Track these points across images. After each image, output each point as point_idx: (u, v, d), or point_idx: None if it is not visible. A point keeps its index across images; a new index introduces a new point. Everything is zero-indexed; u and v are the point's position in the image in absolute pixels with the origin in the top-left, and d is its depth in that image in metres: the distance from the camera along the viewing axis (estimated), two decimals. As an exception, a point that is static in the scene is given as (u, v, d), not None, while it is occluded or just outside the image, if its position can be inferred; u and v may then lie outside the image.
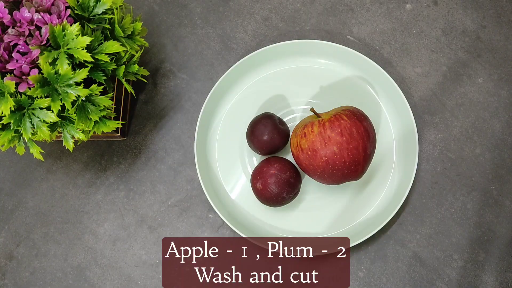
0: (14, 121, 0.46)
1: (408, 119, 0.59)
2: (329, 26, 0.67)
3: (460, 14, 0.67)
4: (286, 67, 0.64)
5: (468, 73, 0.64)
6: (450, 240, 0.58)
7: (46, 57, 0.45)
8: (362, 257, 0.58)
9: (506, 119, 0.62)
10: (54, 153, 0.63)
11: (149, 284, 0.58)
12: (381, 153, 0.60)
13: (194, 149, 0.60)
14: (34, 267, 0.60)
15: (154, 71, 0.66)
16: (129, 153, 0.63)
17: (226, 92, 0.63)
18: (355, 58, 0.62)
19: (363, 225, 0.58)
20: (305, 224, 0.59)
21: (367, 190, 0.59)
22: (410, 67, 0.64)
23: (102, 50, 0.49)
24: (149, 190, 0.61)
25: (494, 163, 0.60)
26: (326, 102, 0.62)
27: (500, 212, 0.59)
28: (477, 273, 0.57)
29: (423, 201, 0.59)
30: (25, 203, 0.62)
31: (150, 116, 0.64)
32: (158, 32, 0.67)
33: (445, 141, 0.61)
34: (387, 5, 0.68)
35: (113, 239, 0.60)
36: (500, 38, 0.65)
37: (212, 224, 0.60)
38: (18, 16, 0.47)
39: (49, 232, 0.61)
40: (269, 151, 0.58)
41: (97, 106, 0.49)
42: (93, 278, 0.59)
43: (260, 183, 0.54)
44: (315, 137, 0.50)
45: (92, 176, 0.62)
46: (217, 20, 0.68)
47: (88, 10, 0.49)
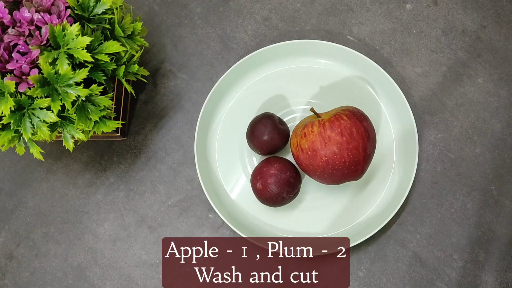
0: (14, 121, 0.46)
1: (408, 119, 0.59)
2: (329, 26, 0.67)
3: (460, 14, 0.67)
4: (286, 67, 0.64)
5: (468, 73, 0.64)
6: (450, 240, 0.58)
7: (46, 57, 0.45)
8: (362, 257, 0.58)
9: (506, 119, 0.62)
10: (54, 153, 0.63)
11: (149, 284, 0.58)
12: (381, 153, 0.60)
13: (194, 149, 0.60)
14: (34, 267, 0.60)
15: (154, 71, 0.66)
16: (129, 153, 0.63)
17: (226, 92, 0.63)
18: (355, 58, 0.62)
19: (363, 225, 0.58)
20: (305, 224, 0.59)
21: (367, 190, 0.59)
22: (410, 67, 0.64)
23: (102, 50, 0.49)
24: (149, 190, 0.61)
25: (494, 163, 0.60)
26: (326, 102, 0.62)
27: (500, 212, 0.59)
28: (477, 273, 0.57)
29: (423, 201, 0.59)
30: (25, 203, 0.62)
31: (150, 116, 0.64)
32: (158, 32, 0.67)
33: (445, 141, 0.61)
34: (387, 5, 0.68)
35: (113, 239, 0.60)
36: (500, 38, 0.65)
37: (212, 224, 0.60)
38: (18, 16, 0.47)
39: (49, 232, 0.61)
40: (269, 151, 0.58)
41: (97, 106, 0.49)
42: (93, 278, 0.59)
43: (260, 183, 0.54)
44: (315, 137, 0.50)
45: (92, 176, 0.62)
46: (217, 20, 0.68)
47: (88, 10, 0.49)
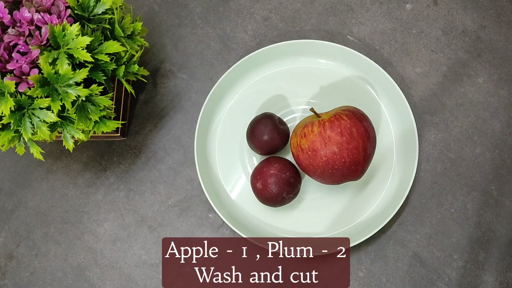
0: (14, 121, 0.46)
1: (408, 119, 0.59)
2: (329, 26, 0.67)
3: (460, 14, 0.67)
4: (286, 67, 0.64)
5: (468, 73, 0.64)
6: (450, 240, 0.58)
7: (46, 57, 0.45)
8: (362, 257, 0.58)
9: (506, 119, 0.62)
10: (54, 153, 0.63)
11: (149, 284, 0.58)
12: (381, 153, 0.60)
13: (194, 149, 0.60)
14: (34, 267, 0.60)
15: (154, 71, 0.66)
16: (129, 153, 0.63)
17: (226, 92, 0.63)
18: (355, 58, 0.62)
19: (363, 225, 0.58)
20: (305, 224, 0.59)
21: (367, 190, 0.59)
22: (410, 67, 0.64)
23: (102, 50, 0.49)
24: (149, 190, 0.61)
25: (494, 163, 0.60)
26: (326, 102, 0.62)
27: (500, 212, 0.59)
28: (477, 273, 0.57)
29: (423, 201, 0.59)
30: (25, 203, 0.62)
31: (150, 116, 0.64)
32: (158, 32, 0.67)
33: (445, 141, 0.61)
34: (387, 5, 0.68)
35: (113, 239, 0.60)
36: (500, 38, 0.65)
37: (212, 224, 0.60)
38: (18, 16, 0.47)
39: (49, 232, 0.61)
40: (269, 151, 0.58)
41: (97, 106, 0.49)
42: (93, 278, 0.59)
43: (260, 183, 0.54)
44: (315, 137, 0.50)
45: (92, 176, 0.62)
46: (217, 20, 0.68)
47: (88, 10, 0.49)
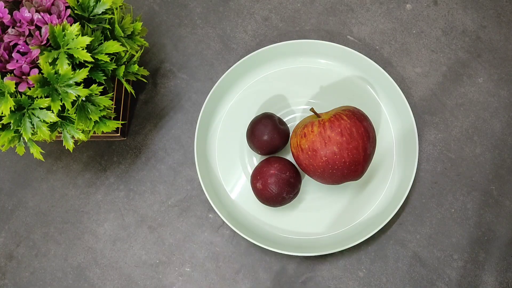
0: (14, 121, 0.46)
1: (408, 119, 0.59)
2: (329, 26, 0.67)
3: (460, 14, 0.67)
4: (286, 67, 0.64)
5: (468, 73, 0.64)
6: (450, 240, 0.58)
7: (46, 57, 0.45)
8: (362, 257, 0.58)
9: (506, 119, 0.62)
10: (54, 153, 0.63)
11: (149, 284, 0.58)
12: (381, 153, 0.60)
13: (194, 149, 0.60)
14: (34, 267, 0.60)
15: (154, 71, 0.66)
16: (129, 153, 0.63)
17: (226, 92, 0.63)
18: (355, 58, 0.62)
19: (363, 225, 0.58)
20: (305, 224, 0.59)
21: (367, 190, 0.59)
22: (410, 67, 0.64)
23: (102, 50, 0.49)
24: (149, 190, 0.61)
25: (494, 163, 0.60)
26: (326, 102, 0.62)
27: (500, 212, 0.59)
28: (477, 273, 0.57)
29: (423, 201, 0.59)
30: (25, 203, 0.62)
31: (150, 116, 0.64)
32: (158, 32, 0.67)
33: (445, 141, 0.61)
34: (387, 5, 0.68)
35: (113, 239, 0.60)
36: (500, 38, 0.65)
37: (212, 224, 0.60)
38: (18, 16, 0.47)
39: (49, 232, 0.61)
40: (269, 151, 0.58)
41: (97, 106, 0.49)
42: (93, 278, 0.59)
43: (260, 183, 0.54)
44: (315, 137, 0.50)
45: (92, 176, 0.62)
46: (217, 20, 0.68)
47: (88, 10, 0.49)
